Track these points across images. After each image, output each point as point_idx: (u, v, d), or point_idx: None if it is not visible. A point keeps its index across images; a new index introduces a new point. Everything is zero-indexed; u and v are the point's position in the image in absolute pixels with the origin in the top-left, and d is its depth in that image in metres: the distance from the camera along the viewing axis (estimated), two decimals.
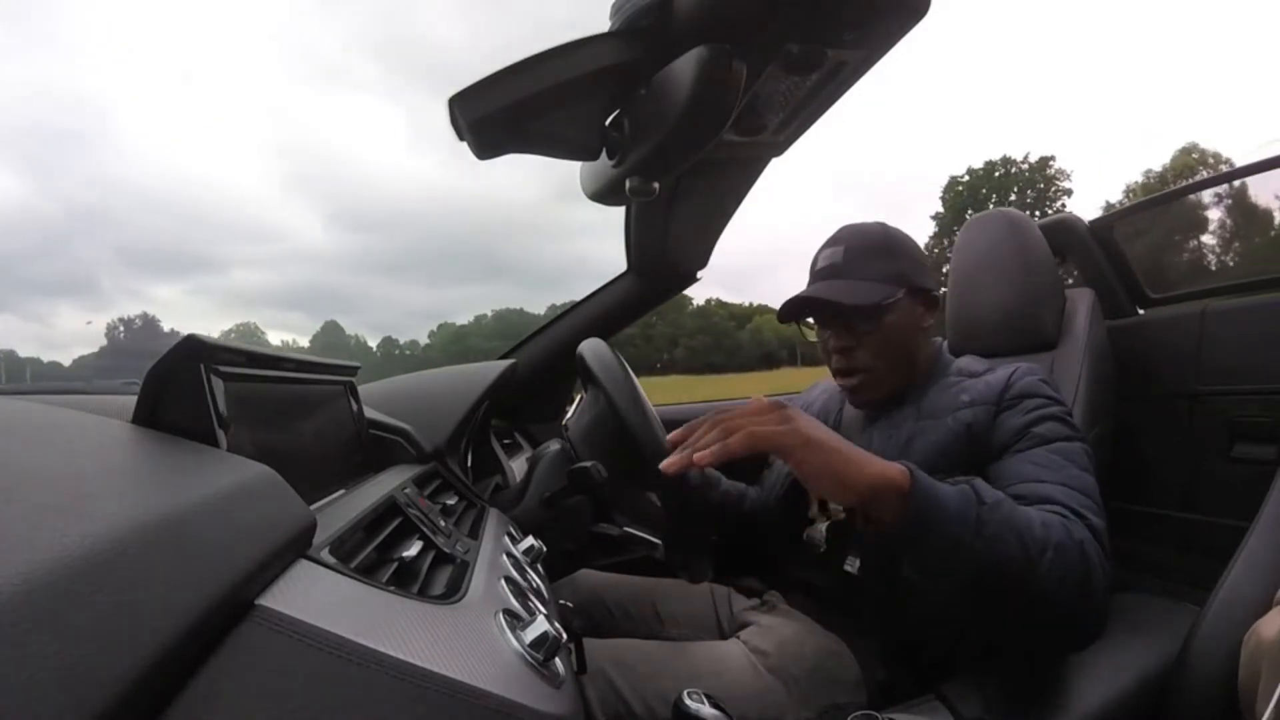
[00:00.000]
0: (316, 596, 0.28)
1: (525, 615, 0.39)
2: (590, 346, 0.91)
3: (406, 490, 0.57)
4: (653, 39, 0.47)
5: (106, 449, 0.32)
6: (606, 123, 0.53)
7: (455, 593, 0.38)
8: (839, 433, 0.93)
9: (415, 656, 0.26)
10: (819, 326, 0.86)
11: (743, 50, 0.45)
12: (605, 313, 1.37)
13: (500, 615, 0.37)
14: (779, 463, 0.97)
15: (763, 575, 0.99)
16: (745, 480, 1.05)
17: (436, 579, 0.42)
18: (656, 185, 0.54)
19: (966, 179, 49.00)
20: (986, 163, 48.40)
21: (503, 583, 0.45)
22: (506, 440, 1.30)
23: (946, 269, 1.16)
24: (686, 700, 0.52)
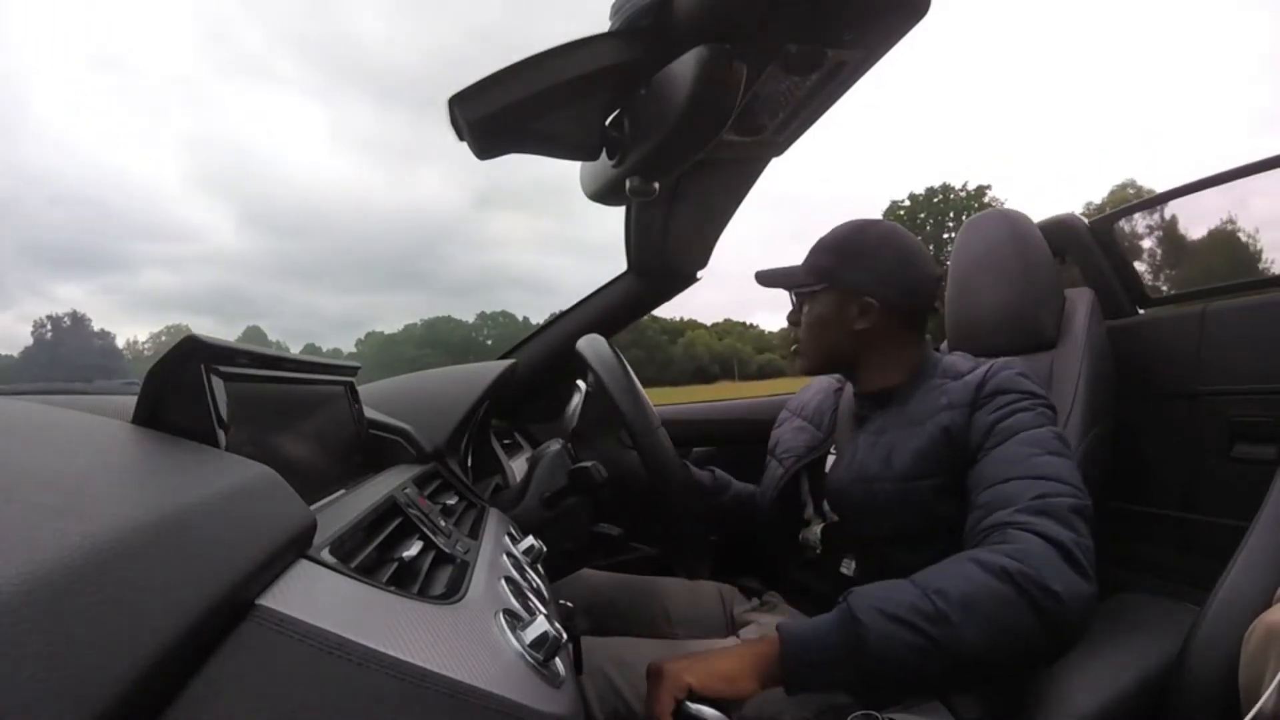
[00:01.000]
0: (316, 596, 0.28)
1: (525, 615, 0.39)
2: (588, 342, 0.91)
3: (406, 490, 0.57)
4: (653, 39, 0.47)
5: (106, 449, 0.32)
6: (606, 123, 0.53)
7: (455, 593, 0.38)
8: (834, 435, 0.94)
9: (415, 656, 0.26)
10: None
11: (743, 50, 0.45)
12: (605, 312, 1.37)
13: (500, 615, 0.37)
14: (773, 463, 0.97)
15: (762, 576, 0.99)
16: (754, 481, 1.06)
17: (436, 579, 0.42)
18: (656, 185, 0.54)
19: (907, 204, 51.36)
20: (927, 189, 51.31)
21: (503, 583, 0.45)
22: (506, 440, 1.30)
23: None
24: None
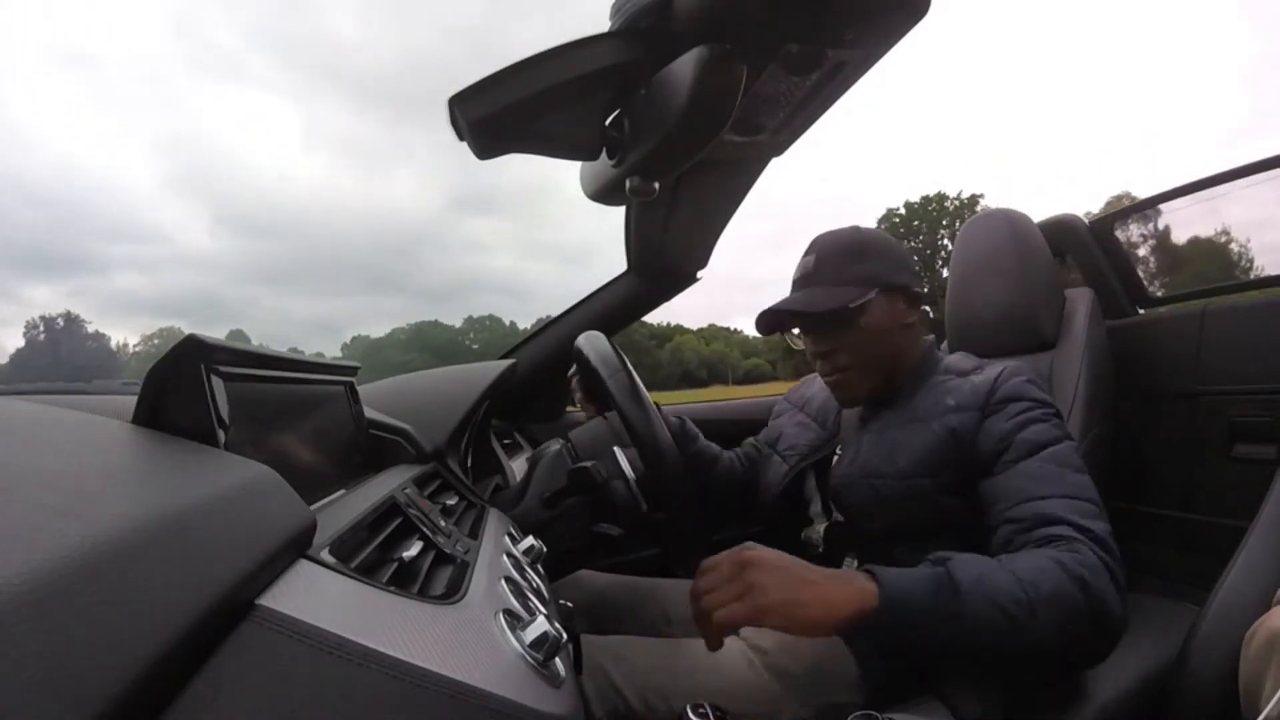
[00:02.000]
0: (316, 596, 0.28)
1: (525, 615, 0.39)
2: (588, 339, 0.91)
3: (407, 490, 0.57)
4: (653, 39, 0.47)
5: (106, 449, 0.32)
6: (606, 123, 0.53)
7: (455, 593, 0.38)
8: (839, 433, 0.93)
9: (415, 656, 0.26)
10: (802, 334, 0.87)
11: (743, 50, 0.45)
12: (605, 312, 1.37)
13: (500, 615, 0.37)
14: (775, 459, 0.97)
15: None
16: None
17: (437, 579, 0.42)
18: (656, 185, 0.54)
19: (903, 212, 52.61)
20: (922, 197, 52.72)
21: (503, 583, 0.45)
22: (506, 440, 1.30)
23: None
24: (691, 715, 0.52)
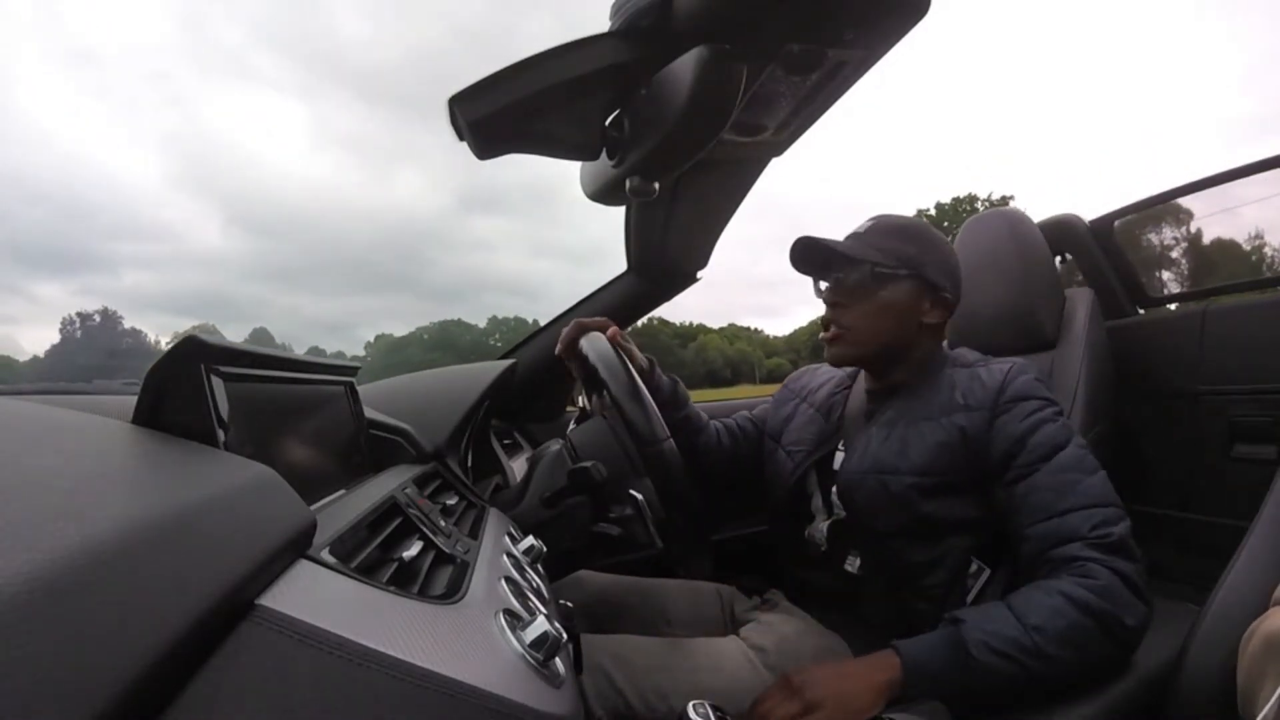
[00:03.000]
0: (317, 596, 0.28)
1: (525, 615, 0.39)
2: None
3: (407, 490, 0.57)
4: (653, 39, 0.47)
5: (106, 449, 0.32)
6: (606, 123, 0.53)
7: (455, 593, 0.38)
8: (842, 427, 0.93)
9: (415, 656, 0.26)
10: (818, 280, 0.87)
11: (743, 50, 0.45)
12: (605, 312, 1.36)
13: (500, 615, 0.37)
14: (781, 454, 0.97)
15: (763, 574, 0.99)
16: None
17: (437, 579, 0.42)
18: (656, 185, 0.54)
19: (933, 213, 53.67)
20: (954, 198, 53.81)
21: (503, 583, 0.45)
22: (506, 440, 1.30)
23: None
24: (692, 714, 0.52)
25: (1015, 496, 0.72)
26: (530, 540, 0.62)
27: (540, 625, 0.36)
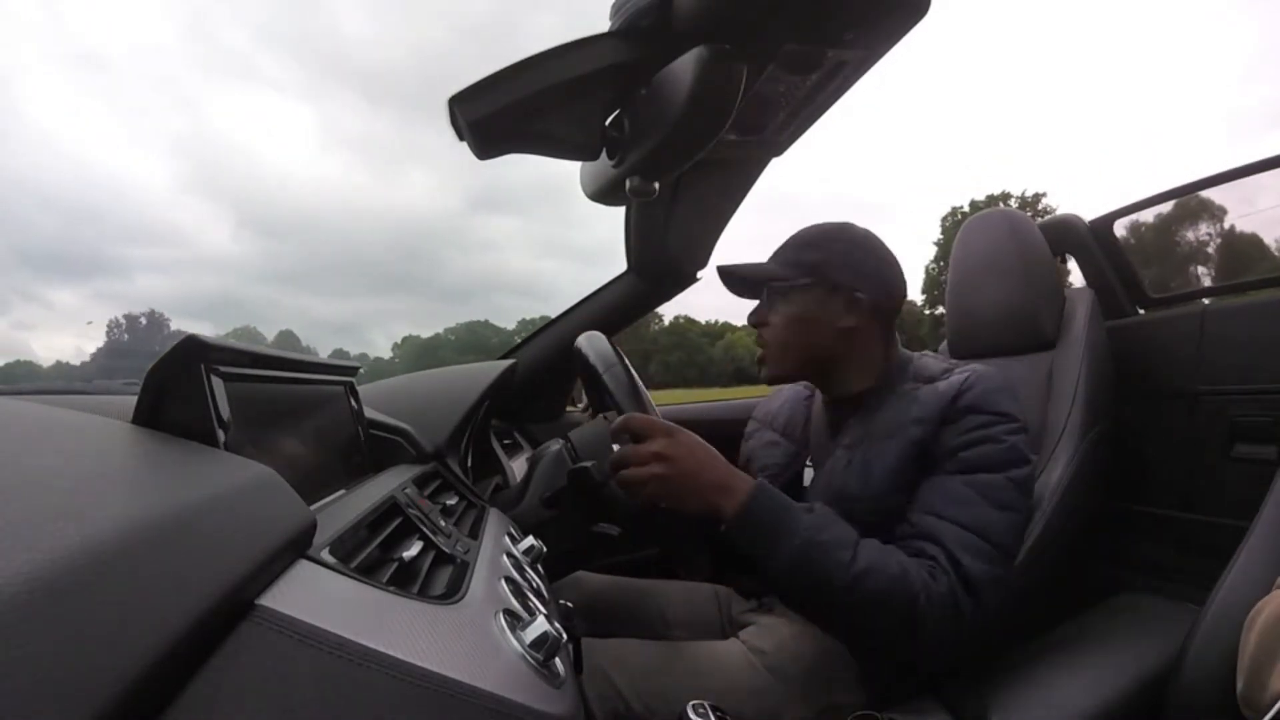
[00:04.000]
0: (317, 596, 0.28)
1: (525, 615, 0.39)
2: (587, 339, 0.91)
3: (407, 490, 0.57)
4: (653, 39, 0.47)
5: (106, 449, 0.32)
6: (606, 123, 0.53)
7: (455, 593, 0.38)
8: (808, 443, 0.92)
9: (415, 656, 0.26)
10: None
11: (743, 50, 0.45)
12: (605, 312, 1.37)
13: (500, 615, 0.37)
14: (763, 449, 0.96)
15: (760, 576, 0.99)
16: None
17: (437, 579, 0.42)
18: (656, 185, 0.54)
19: (967, 210, 53.20)
20: (988, 196, 52.85)
21: (503, 583, 0.45)
22: (506, 440, 1.30)
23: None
24: (691, 715, 0.52)
25: (920, 487, 0.72)
26: (530, 540, 0.62)
27: (540, 625, 0.36)
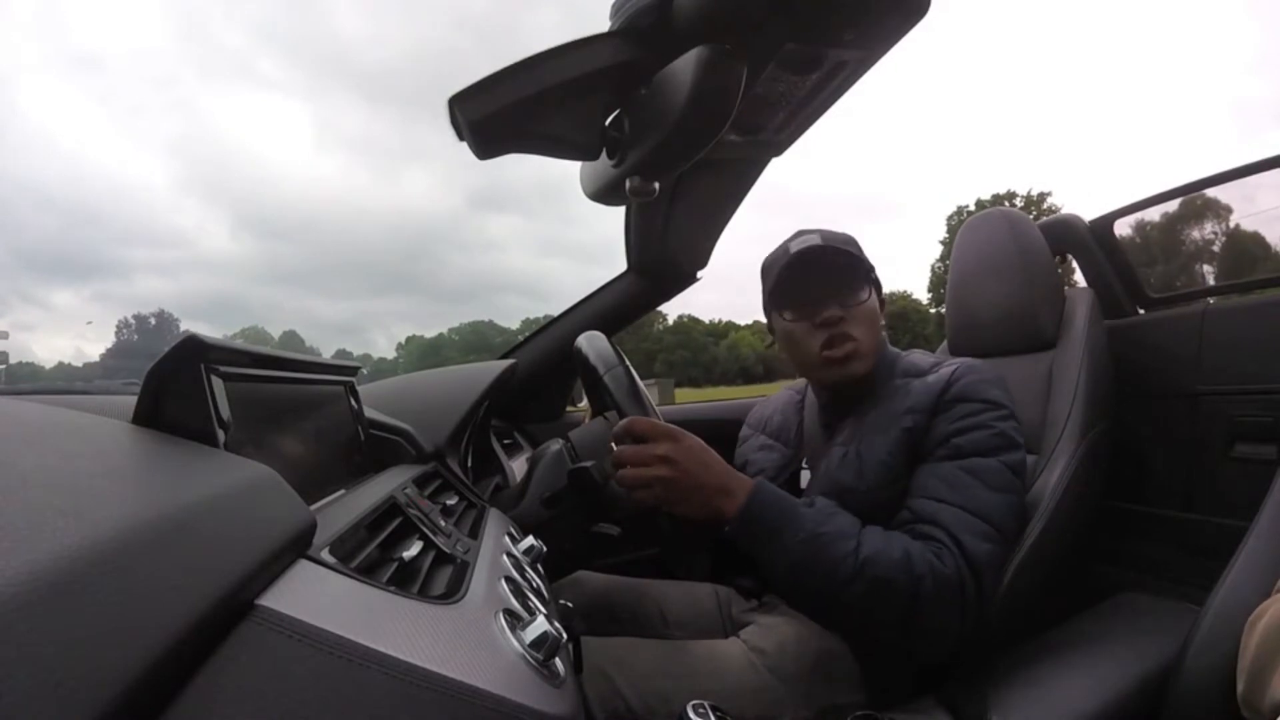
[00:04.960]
0: (316, 596, 0.28)
1: (525, 615, 0.39)
2: (587, 339, 0.91)
3: (407, 490, 0.57)
4: (653, 39, 0.47)
5: (106, 449, 0.32)
6: (606, 123, 0.53)
7: (455, 593, 0.38)
8: (803, 446, 0.92)
9: (415, 656, 0.26)
10: (807, 305, 0.81)
11: (743, 50, 0.45)
12: (605, 312, 1.37)
13: (500, 615, 0.37)
14: (757, 454, 0.97)
15: (760, 576, 0.99)
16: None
17: (437, 579, 0.42)
18: (656, 185, 0.54)
19: (972, 208, 53.78)
20: (994, 195, 53.36)
21: (503, 583, 0.45)
22: (506, 440, 1.30)
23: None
24: (691, 715, 0.52)
25: (915, 475, 0.73)
26: (530, 540, 0.62)
27: (540, 625, 0.36)
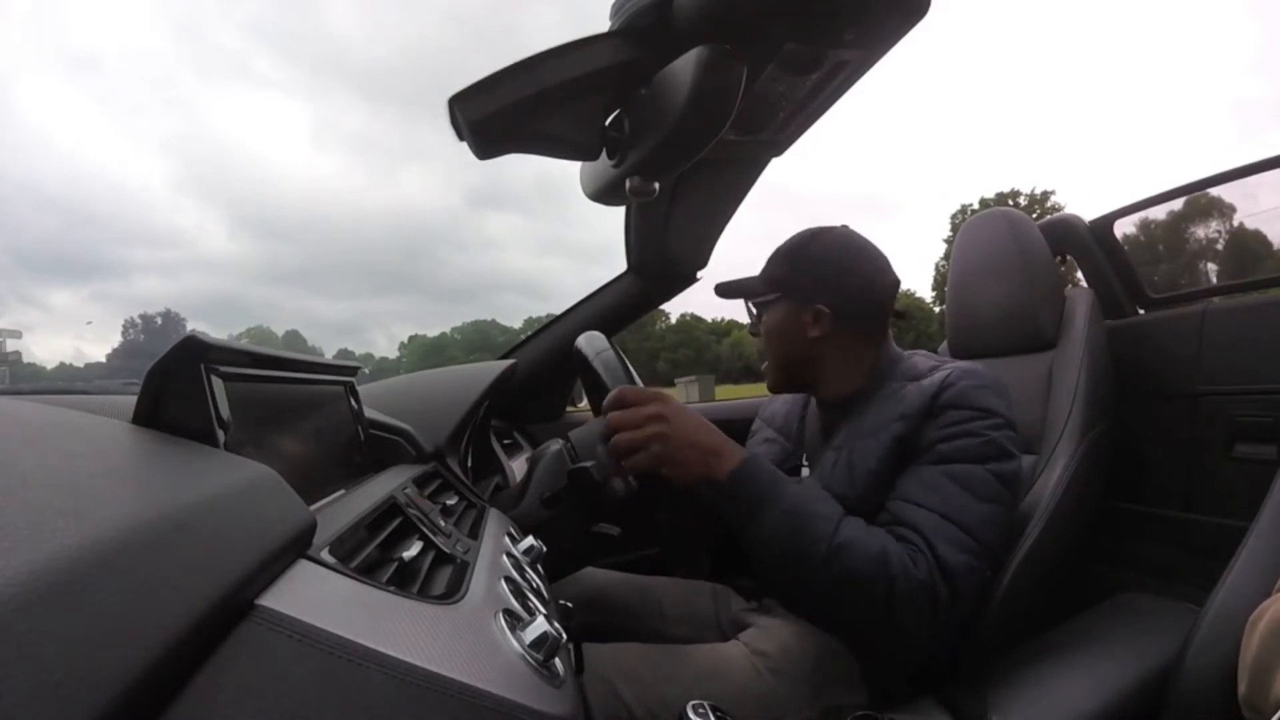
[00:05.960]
0: (316, 596, 0.28)
1: (525, 615, 0.39)
2: (587, 339, 0.91)
3: (406, 490, 0.57)
4: (653, 39, 0.47)
5: (106, 449, 0.32)
6: (606, 123, 0.53)
7: (455, 593, 0.38)
8: (804, 444, 0.93)
9: (415, 656, 0.26)
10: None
11: (743, 50, 0.45)
12: (605, 312, 1.37)
13: (500, 615, 0.37)
14: (760, 446, 0.97)
15: (759, 576, 0.99)
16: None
17: (436, 579, 0.42)
18: (656, 185, 0.54)
19: (976, 206, 53.72)
20: (997, 194, 53.36)
21: (503, 583, 0.45)
22: (506, 440, 1.30)
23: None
24: (691, 715, 0.52)
25: (899, 479, 0.73)
26: (530, 540, 0.62)
27: (540, 625, 0.36)
